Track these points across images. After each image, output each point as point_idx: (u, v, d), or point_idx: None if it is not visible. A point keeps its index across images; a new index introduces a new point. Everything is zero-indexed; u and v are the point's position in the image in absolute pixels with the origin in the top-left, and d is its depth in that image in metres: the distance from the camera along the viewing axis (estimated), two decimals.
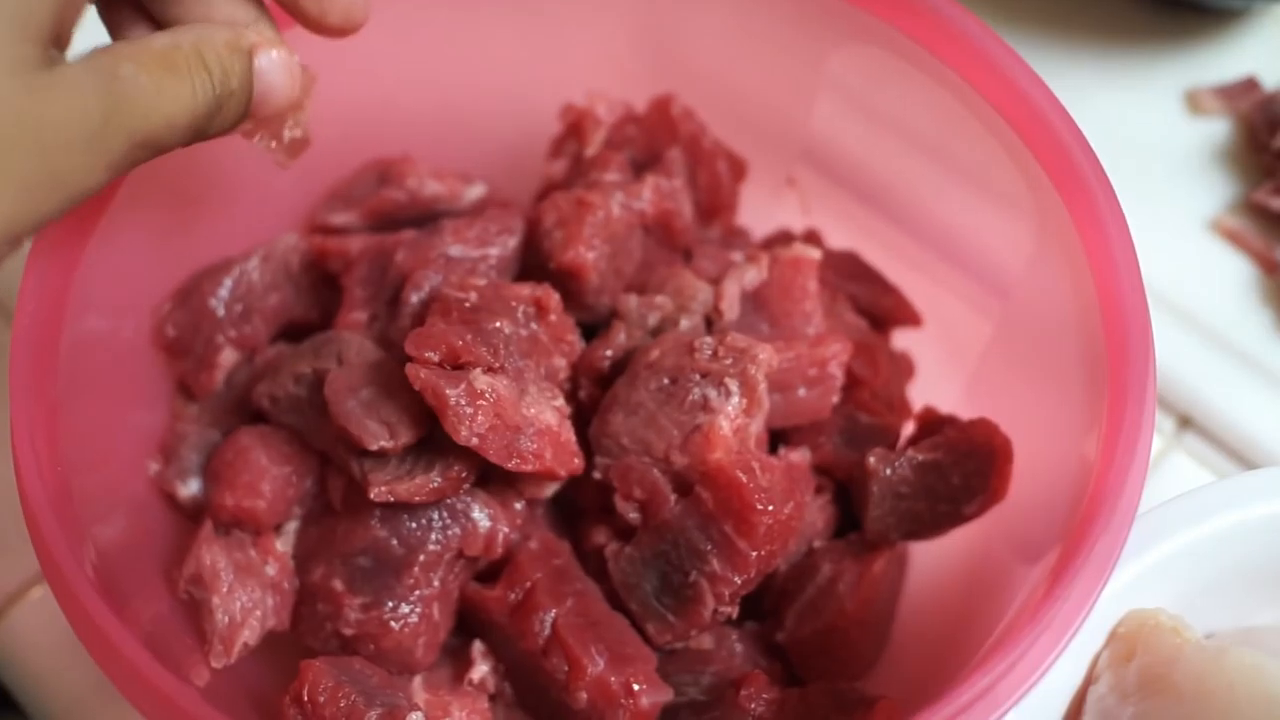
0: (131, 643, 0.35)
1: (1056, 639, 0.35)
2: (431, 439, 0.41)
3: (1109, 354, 0.39)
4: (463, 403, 0.39)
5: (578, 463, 0.42)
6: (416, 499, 0.41)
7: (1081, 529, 0.37)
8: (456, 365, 0.40)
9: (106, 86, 0.33)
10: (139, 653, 0.35)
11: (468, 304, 0.42)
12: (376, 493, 0.41)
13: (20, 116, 0.31)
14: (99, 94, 0.33)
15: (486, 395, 0.40)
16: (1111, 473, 0.37)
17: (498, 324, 0.42)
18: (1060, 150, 0.42)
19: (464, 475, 0.41)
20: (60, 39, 0.34)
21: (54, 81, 0.32)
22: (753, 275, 0.46)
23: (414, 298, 0.45)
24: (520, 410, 0.41)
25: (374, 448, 0.41)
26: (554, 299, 0.44)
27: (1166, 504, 0.43)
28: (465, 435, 0.39)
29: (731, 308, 0.45)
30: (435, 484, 0.41)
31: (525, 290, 0.44)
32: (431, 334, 0.40)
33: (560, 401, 0.43)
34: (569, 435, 0.43)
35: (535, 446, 0.41)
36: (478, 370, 0.40)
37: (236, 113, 0.37)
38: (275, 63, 0.38)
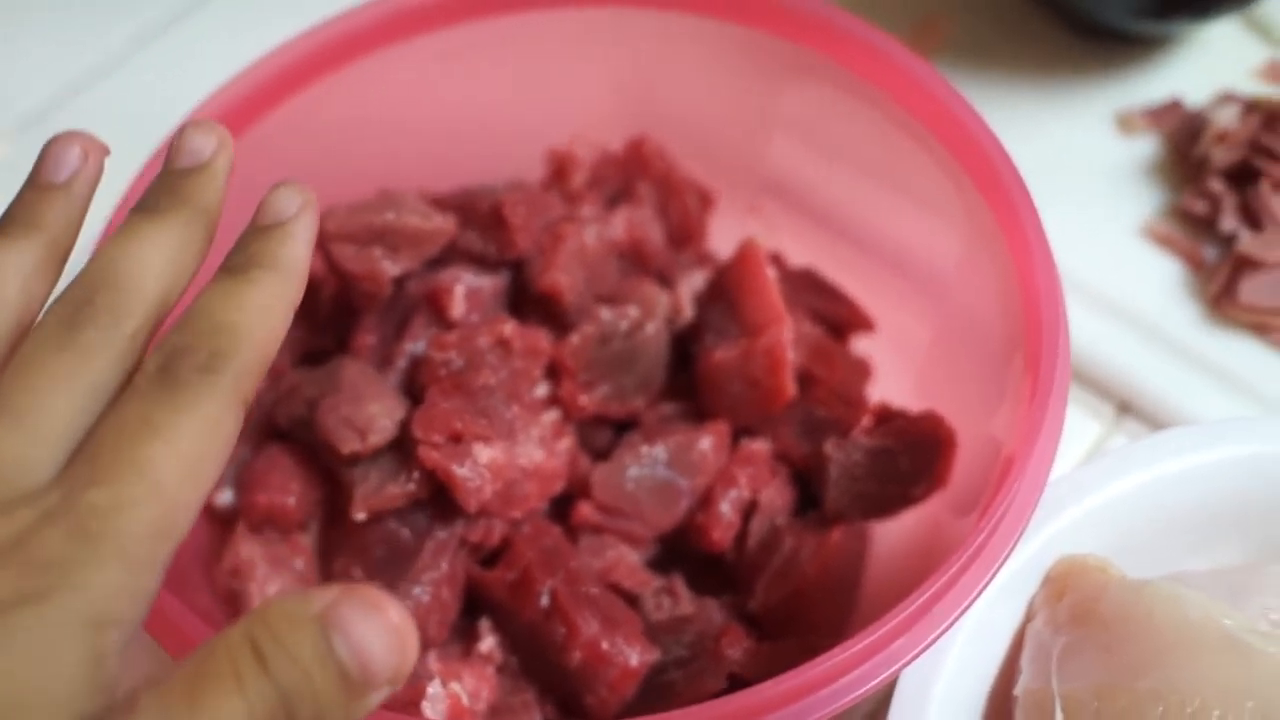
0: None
1: (962, 596, 0.40)
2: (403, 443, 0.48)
3: (1026, 334, 0.45)
4: (469, 477, 0.46)
5: (559, 485, 0.50)
6: (397, 505, 0.47)
7: (997, 485, 0.42)
8: (458, 438, 0.47)
9: None
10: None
11: (453, 367, 0.49)
12: (357, 514, 0.47)
13: None
14: None
15: (489, 466, 0.47)
16: (1028, 428, 0.42)
17: (483, 381, 0.48)
18: (981, 155, 0.48)
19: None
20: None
21: None
22: (698, 277, 0.54)
23: (409, 347, 0.52)
24: (515, 463, 0.48)
25: (346, 451, 0.47)
26: (517, 335, 0.50)
27: (1088, 462, 0.49)
28: (474, 505, 0.47)
29: (689, 306, 0.51)
30: (409, 489, 0.47)
31: (498, 330, 0.50)
32: (435, 417, 0.47)
33: (544, 422, 0.50)
34: (555, 461, 0.50)
35: (527, 489, 0.48)
36: (479, 445, 0.47)
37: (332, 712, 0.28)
38: (372, 629, 0.28)
